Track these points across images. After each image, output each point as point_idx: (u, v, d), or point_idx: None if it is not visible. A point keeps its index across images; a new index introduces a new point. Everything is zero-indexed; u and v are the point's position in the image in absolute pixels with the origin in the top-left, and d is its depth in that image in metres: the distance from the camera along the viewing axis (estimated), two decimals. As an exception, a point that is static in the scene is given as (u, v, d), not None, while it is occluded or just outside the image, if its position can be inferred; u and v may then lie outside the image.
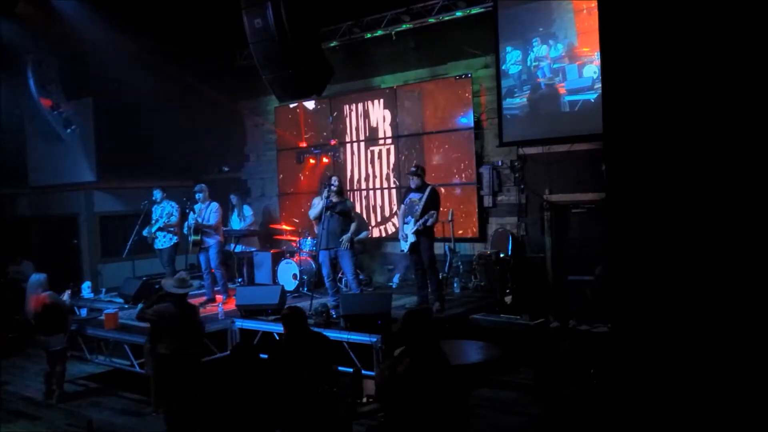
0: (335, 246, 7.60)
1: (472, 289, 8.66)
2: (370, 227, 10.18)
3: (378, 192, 10.38)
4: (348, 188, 10.46)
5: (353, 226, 7.67)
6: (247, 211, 10.29)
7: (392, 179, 10.23)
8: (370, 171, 10.50)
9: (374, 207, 10.44)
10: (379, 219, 10.35)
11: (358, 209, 10.07)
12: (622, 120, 2.47)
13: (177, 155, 11.34)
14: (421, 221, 7.21)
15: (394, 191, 10.17)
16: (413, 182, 7.52)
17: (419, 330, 3.73)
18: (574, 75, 8.08)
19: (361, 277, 8.76)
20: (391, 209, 10.18)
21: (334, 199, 7.61)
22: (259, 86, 9.03)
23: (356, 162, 10.70)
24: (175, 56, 10.36)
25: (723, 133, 2.25)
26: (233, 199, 10.30)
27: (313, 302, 7.61)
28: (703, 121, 2.28)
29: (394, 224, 9.98)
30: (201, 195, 8.77)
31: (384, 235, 10.24)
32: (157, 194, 9.49)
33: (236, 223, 10.14)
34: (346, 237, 7.54)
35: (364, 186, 10.57)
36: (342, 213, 7.62)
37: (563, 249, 8.55)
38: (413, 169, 7.61)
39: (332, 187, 7.64)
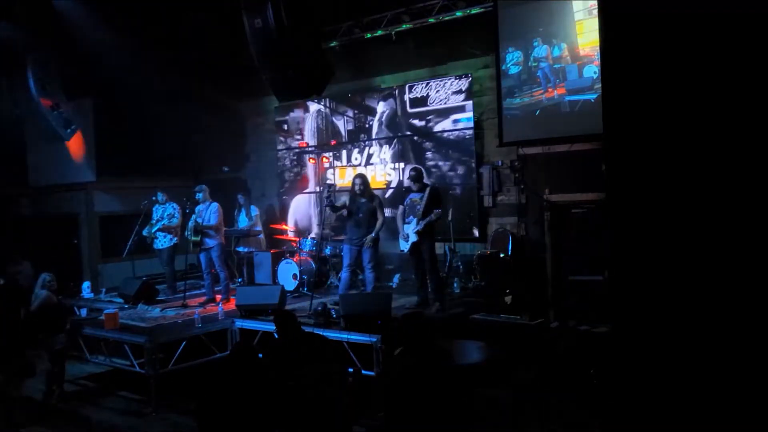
0: (359, 243, 7.65)
1: (472, 289, 8.64)
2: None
3: (377, 191, 10.38)
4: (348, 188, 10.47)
5: (378, 225, 7.70)
6: (254, 210, 10.35)
7: (391, 178, 10.23)
8: (369, 170, 10.50)
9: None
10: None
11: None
12: (622, 120, 2.47)
13: (177, 155, 11.33)
14: (425, 220, 7.22)
15: (391, 191, 10.18)
16: (412, 185, 7.57)
17: (414, 332, 3.74)
18: (574, 75, 8.08)
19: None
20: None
21: (359, 200, 7.67)
22: (259, 86, 9.02)
23: (356, 161, 10.70)
24: (175, 56, 10.36)
25: (723, 132, 2.25)
26: (241, 198, 10.38)
27: (313, 302, 7.62)
28: (703, 121, 2.28)
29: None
30: (201, 195, 8.75)
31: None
32: (161, 196, 9.50)
33: (244, 222, 10.20)
34: (369, 237, 7.58)
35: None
36: (368, 212, 7.65)
37: (563, 249, 8.54)
38: (412, 173, 7.65)
39: (356, 187, 7.70)
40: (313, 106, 11.25)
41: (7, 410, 6.24)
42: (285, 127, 11.76)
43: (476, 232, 9.27)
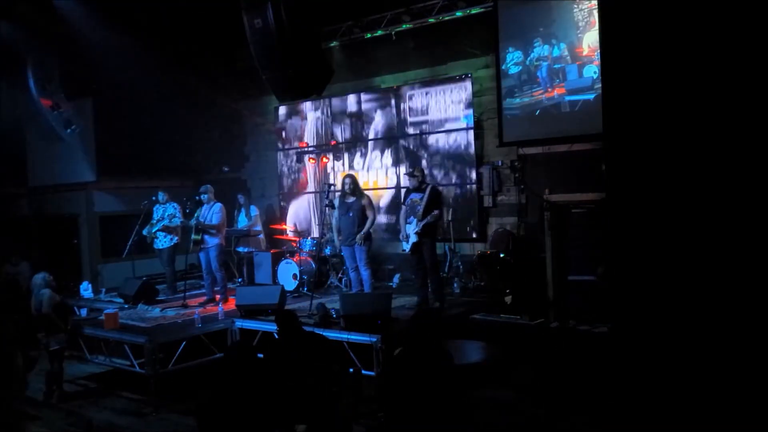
0: (352, 242, 7.71)
1: (472, 289, 8.65)
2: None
3: (378, 192, 10.39)
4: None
5: (368, 223, 7.72)
6: (253, 211, 10.37)
7: (393, 178, 10.23)
8: (371, 175, 10.50)
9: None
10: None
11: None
12: (622, 120, 2.47)
13: (177, 155, 11.34)
14: (424, 221, 7.22)
15: (393, 190, 10.17)
16: (412, 184, 7.58)
17: (416, 332, 3.74)
18: (574, 75, 8.08)
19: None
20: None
21: (349, 199, 7.73)
22: (259, 86, 9.04)
23: (356, 161, 10.70)
24: (176, 56, 10.37)
25: (722, 132, 2.25)
26: (241, 198, 10.41)
27: (313, 302, 7.62)
28: (702, 120, 2.28)
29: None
30: (206, 196, 8.69)
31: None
32: (161, 196, 9.50)
33: (243, 222, 10.22)
34: (359, 235, 7.61)
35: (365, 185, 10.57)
36: (358, 210, 7.69)
37: (563, 249, 8.53)
38: (410, 170, 7.66)
39: (345, 186, 7.73)
40: (311, 114, 11.26)
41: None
42: (283, 133, 11.77)
43: (476, 233, 9.27)
